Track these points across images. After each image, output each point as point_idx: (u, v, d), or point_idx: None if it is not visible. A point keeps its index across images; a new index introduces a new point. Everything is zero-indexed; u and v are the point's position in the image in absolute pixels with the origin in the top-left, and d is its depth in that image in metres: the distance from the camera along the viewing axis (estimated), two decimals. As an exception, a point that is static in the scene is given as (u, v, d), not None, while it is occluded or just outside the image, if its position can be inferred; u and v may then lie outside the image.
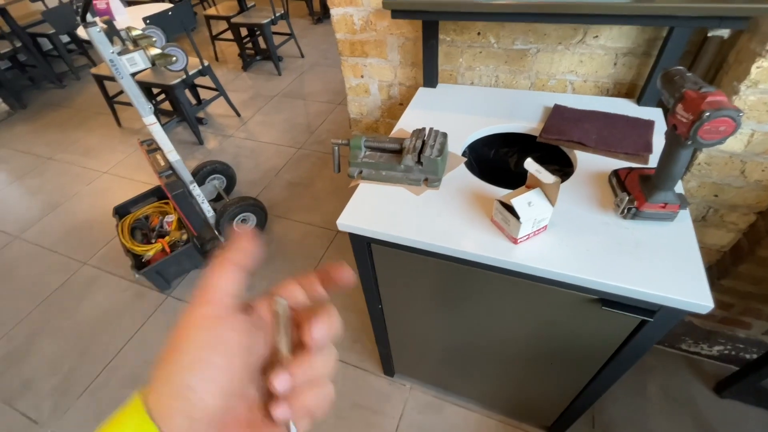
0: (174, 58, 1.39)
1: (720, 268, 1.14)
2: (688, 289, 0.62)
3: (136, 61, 1.34)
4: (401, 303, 1.04)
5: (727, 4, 0.73)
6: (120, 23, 2.36)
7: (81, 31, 2.50)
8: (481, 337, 1.00)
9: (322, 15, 4.57)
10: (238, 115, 3.05)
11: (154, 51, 1.37)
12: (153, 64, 1.37)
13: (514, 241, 0.71)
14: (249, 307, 0.25)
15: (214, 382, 0.21)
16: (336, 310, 0.25)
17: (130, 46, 1.37)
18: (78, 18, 1.28)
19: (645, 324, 0.69)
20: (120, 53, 1.32)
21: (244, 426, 0.23)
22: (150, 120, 1.49)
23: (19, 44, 3.49)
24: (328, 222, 2.09)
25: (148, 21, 2.18)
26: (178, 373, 0.21)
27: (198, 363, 0.21)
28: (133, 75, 1.40)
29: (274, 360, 0.24)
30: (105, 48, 1.28)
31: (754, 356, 1.29)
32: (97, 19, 1.32)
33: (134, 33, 1.40)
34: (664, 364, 1.39)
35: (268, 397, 0.23)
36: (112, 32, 1.36)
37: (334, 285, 0.28)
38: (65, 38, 3.98)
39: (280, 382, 0.22)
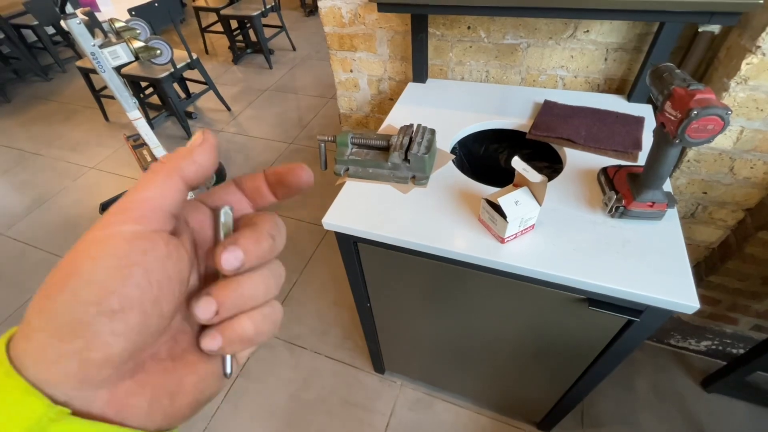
0: (158, 51, 1.36)
1: (708, 265, 1.14)
2: (674, 289, 0.62)
3: (119, 54, 1.31)
4: (390, 301, 1.03)
5: (717, -1, 0.72)
6: (104, 14, 2.30)
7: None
8: (470, 335, 0.99)
9: (314, 7, 4.50)
10: (228, 109, 3.00)
11: (138, 44, 1.33)
12: (136, 57, 1.34)
13: (501, 240, 0.70)
14: (178, 221, 0.20)
15: (126, 319, 0.16)
16: (275, 220, 0.22)
17: (113, 39, 1.34)
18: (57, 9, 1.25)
19: (632, 323, 0.69)
20: (102, 46, 1.28)
21: (167, 362, 0.19)
22: (134, 115, 1.46)
23: (1, 36, 3.41)
24: (319, 218, 2.06)
25: (133, 12, 2.12)
26: (73, 307, 0.15)
27: (104, 294, 0.16)
28: (118, 68, 1.36)
29: (210, 285, 0.20)
30: (86, 40, 1.25)
31: (741, 351, 1.31)
32: (78, 10, 1.28)
33: (117, 25, 1.36)
34: (653, 359, 1.40)
35: (200, 327, 0.20)
36: (93, 24, 1.32)
37: (287, 187, 0.23)
38: (50, 30, 3.88)
39: (200, 309, 0.18)
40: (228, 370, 0.21)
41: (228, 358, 0.21)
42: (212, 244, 0.21)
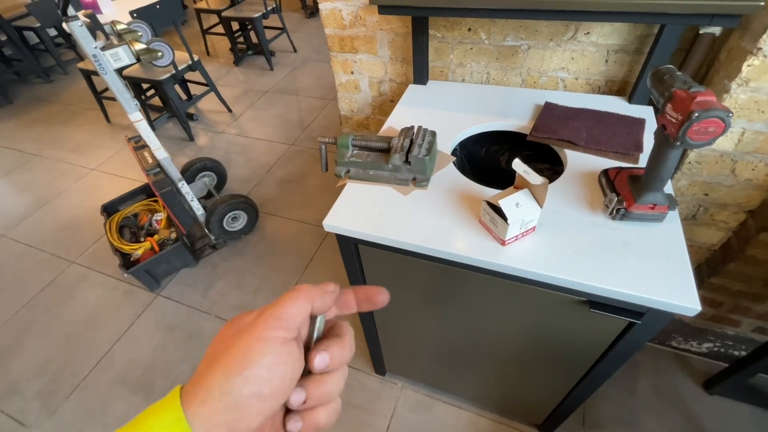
0: (159, 54, 1.36)
1: (710, 267, 1.14)
2: (675, 291, 0.61)
3: (120, 57, 1.31)
4: (391, 303, 1.02)
5: (718, 1, 0.72)
6: (106, 16, 2.32)
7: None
8: (471, 337, 0.99)
9: (315, 9, 4.51)
10: (230, 110, 3.01)
11: (139, 46, 1.33)
12: (138, 59, 1.34)
13: (502, 242, 0.70)
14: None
15: (267, 402, 0.22)
16: (352, 332, 0.29)
17: (115, 41, 1.34)
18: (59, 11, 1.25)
19: (633, 326, 0.69)
20: (103, 48, 1.28)
21: None
22: (136, 117, 1.46)
23: (4, 38, 3.42)
24: (320, 219, 2.05)
25: (135, 14, 2.13)
26: (242, 389, 0.21)
27: (263, 383, 0.22)
28: (119, 70, 1.36)
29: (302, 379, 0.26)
30: (87, 43, 1.25)
31: (743, 353, 1.30)
32: (79, 13, 1.29)
33: (119, 27, 1.37)
34: (654, 361, 1.40)
35: (286, 410, 0.26)
36: (95, 26, 1.33)
37: (370, 304, 0.31)
38: (52, 32, 3.89)
39: (294, 398, 0.24)
40: None
41: None
42: (307, 341, 0.27)
